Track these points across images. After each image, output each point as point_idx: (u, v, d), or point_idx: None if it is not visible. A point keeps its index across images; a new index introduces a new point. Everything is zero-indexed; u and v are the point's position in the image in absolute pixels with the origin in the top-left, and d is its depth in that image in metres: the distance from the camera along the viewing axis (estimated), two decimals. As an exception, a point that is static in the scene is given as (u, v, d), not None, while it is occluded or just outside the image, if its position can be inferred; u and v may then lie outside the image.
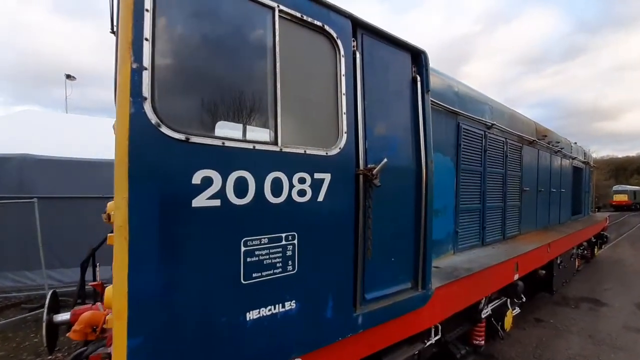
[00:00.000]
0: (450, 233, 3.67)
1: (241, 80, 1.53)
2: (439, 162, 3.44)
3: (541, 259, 4.80)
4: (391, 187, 2.23)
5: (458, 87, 3.79)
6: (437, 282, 2.67)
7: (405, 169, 2.33)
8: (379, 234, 2.13)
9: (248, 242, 1.50)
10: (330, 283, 1.81)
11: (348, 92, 1.93)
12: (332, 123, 1.87)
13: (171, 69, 1.35)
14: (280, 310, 1.61)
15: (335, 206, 1.83)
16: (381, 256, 2.16)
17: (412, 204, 2.37)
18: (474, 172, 4.06)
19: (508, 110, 4.98)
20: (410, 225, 2.36)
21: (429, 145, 2.45)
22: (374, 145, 2.13)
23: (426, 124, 2.44)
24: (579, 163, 8.71)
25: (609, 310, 6.13)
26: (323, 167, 1.78)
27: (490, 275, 3.34)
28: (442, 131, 3.53)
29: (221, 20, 1.50)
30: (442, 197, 3.51)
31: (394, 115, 2.29)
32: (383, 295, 2.16)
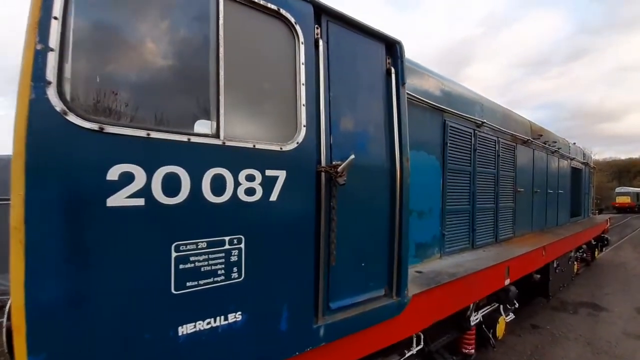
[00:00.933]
0: (436, 236, 3.48)
1: (175, 65, 1.37)
2: (422, 161, 3.27)
3: (536, 262, 4.60)
4: (361, 186, 2.06)
5: (444, 84, 3.62)
6: (416, 288, 2.49)
7: (378, 167, 2.16)
8: (345, 237, 1.96)
9: (181, 246, 1.33)
10: (285, 291, 1.64)
11: (309, 82, 1.77)
12: (289, 116, 1.70)
13: (85, 50, 1.19)
14: (222, 324, 1.44)
15: (291, 206, 1.66)
16: (349, 261, 1.98)
17: (386, 205, 2.19)
18: (463, 172, 3.88)
19: (500, 109, 4.80)
20: (384, 228, 2.18)
21: (405, 142, 2.28)
22: (340, 141, 1.96)
23: (401, 119, 2.28)
24: (578, 164, 8.50)
25: (609, 316, 5.91)
26: (277, 163, 1.61)
27: (477, 280, 3.15)
28: (427, 129, 3.36)
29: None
30: (427, 198, 3.34)
31: (365, 109, 2.13)
32: (351, 304, 1.98)
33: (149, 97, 1.29)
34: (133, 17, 1.28)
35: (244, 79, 1.56)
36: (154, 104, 1.30)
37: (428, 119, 3.37)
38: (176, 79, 1.36)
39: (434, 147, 3.43)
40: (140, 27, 1.30)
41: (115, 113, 1.22)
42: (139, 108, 1.26)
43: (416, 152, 3.19)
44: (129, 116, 1.25)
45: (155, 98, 1.30)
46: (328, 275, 1.88)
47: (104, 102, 1.19)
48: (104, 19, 1.23)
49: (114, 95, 1.22)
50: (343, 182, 1.82)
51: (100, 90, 1.20)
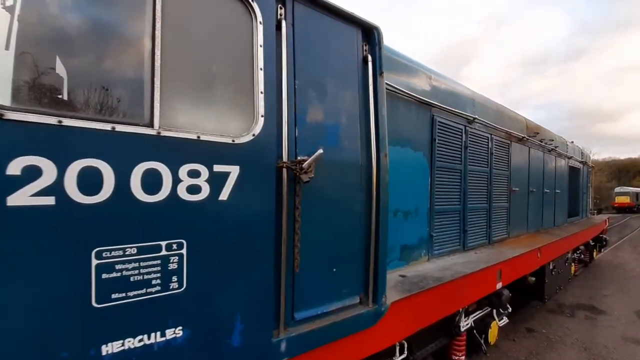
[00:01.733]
0: (424, 237, 3.30)
1: (98, 39, 1.18)
2: (408, 158, 3.09)
3: (530, 264, 4.42)
4: (332, 184, 1.87)
5: (433, 78, 3.44)
6: (397, 294, 2.31)
7: (351, 162, 1.97)
8: (313, 240, 1.77)
9: (103, 253, 1.14)
10: (237, 302, 1.45)
11: (268, 67, 1.59)
12: (244, 104, 1.52)
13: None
14: (157, 341, 1.25)
15: (246, 206, 1.47)
16: (317, 267, 1.80)
17: (361, 205, 2.01)
18: (453, 170, 3.70)
19: (493, 105, 4.62)
20: (358, 230, 2.00)
21: (383, 136, 2.09)
22: (307, 134, 1.78)
23: (379, 111, 2.09)
24: (576, 163, 8.32)
25: (607, 319, 5.73)
26: (227, 157, 1.42)
27: (466, 284, 2.97)
28: (413, 124, 3.17)
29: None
30: (413, 197, 3.16)
31: (338, 100, 1.94)
32: (320, 313, 1.80)
33: (62, 77, 1.10)
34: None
35: (186, 60, 1.37)
36: (70, 85, 1.11)
37: (414, 113, 3.18)
38: (98, 55, 1.17)
39: (421, 144, 3.25)
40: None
41: (18, 96, 1.03)
42: (50, 90, 1.08)
43: (401, 149, 3.01)
44: (37, 100, 1.06)
45: (72, 78, 1.11)
46: (293, 282, 1.70)
47: (2, 84, 1.00)
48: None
49: (17, 74, 1.03)
50: (308, 179, 1.63)
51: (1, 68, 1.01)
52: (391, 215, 2.90)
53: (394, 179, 2.93)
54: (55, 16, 1.12)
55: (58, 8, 1.12)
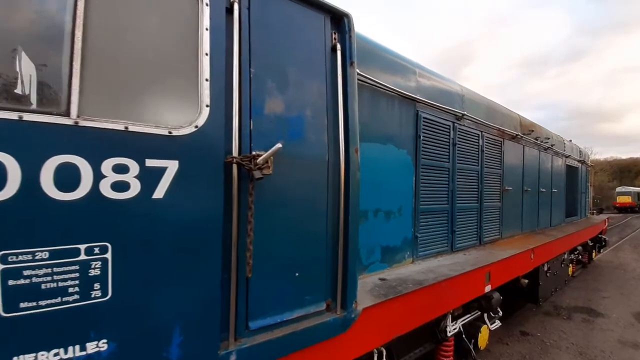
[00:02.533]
0: (408, 238, 3.15)
1: (5, 15, 1.04)
2: (390, 155, 2.95)
3: (523, 266, 4.26)
4: (294, 181, 1.73)
5: (417, 72, 3.29)
6: (371, 299, 2.16)
7: (317, 158, 1.83)
8: (270, 243, 1.63)
9: (9, 257, 1.01)
10: (176, 311, 1.31)
11: (215, 53, 1.45)
12: (186, 93, 1.38)
13: None
14: (77, 355, 1.11)
15: (187, 206, 1.33)
16: (276, 271, 1.66)
17: (328, 204, 1.87)
18: (440, 169, 3.55)
19: (484, 101, 4.47)
20: (325, 232, 1.86)
21: (353, 130, 1.95)
22: (265, 127, 1.63)
23: (349, 103, 1.95)
24: (574, 162, 8.15)
25: (605, 322, 5.56)
26: (163, 151, 1.28)
27: (450, 287, 2.82)
28: (396, 120, 3.03)
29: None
30: (396, 196, 3.01)
31: (302, 91, 1.80)
32: (279, 322, 1.66)
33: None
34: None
35: (115, 42, 1.23)
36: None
37: (397, 109, 3.04)
38: (3, 33, 1.03)
39: (404, 141, 3.10)
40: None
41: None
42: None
43: (382, 146, 2.87)
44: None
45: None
46: (247, 289, 1.56)
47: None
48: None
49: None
50: (261, 175, 1.49)
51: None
52: (371, 215, 2.76)
53: (375, 177, 2.80)
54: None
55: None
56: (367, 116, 2.73)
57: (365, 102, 2.72)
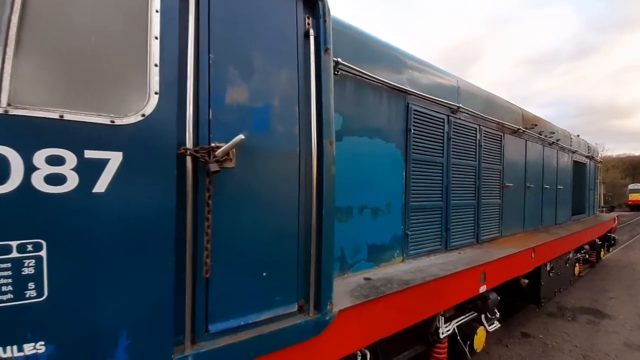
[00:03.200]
0: (398, 236, 3.03)
1: None
2: (378, 150, 2.83)
3: (522, 265, 4.10)
4: (261, 176, 1.63)
5: (407, 62, 3.15)
6: (350, 300, 2.05)
7: (286, 151, 1.73)
8: (234, 241, 1.54)
9: None
10: (122, 313, 1.22)
11: (167, 37, 1.35)
12: (133, 79, 1.28)
13: None
14: (16, 355, 1.04)
15: (132, 201, 1.24)
16: (241, 271, 1.56)
17: (300, 200, 1.76)
18: (433, 164, 3.41)
19: (482, 93, 4.29)
20: (295, 229, 1.75)
21: (328, 121, 1.84)
22: (226, 117, 1.53)
23: (323, 92, 1.83)
24: (581, 157, 7.87)
25: (611, 324, 5.35)
26: (105, 142, 1.19)
27: (440, 287, 2.69)
28: (383, 112, 2.90)
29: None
30: (384, 193, 2.89)
31: (270, 79, 1.69)
32: (244, 324, 1.56)
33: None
34: None
35: (54, 25, 1.14)
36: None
37: (385, 101, 2.91)
38: None
39: (393, 134, 2.97)
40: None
41: None
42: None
43: (369, 140, 2.75)
44: None
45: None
46: (207, 290, 1.46)
47: None
48: None
49: None
50: (217, 169, 1.39)
51: None
52: (356, 212, 2.64)
53: (361, 172, 2.68)
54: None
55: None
56: (352, 109, 2.61)
57: (350, 93, 2.60)
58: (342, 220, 2.53)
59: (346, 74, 2.56)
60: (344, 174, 2.54)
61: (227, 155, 1.49)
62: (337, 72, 2.48)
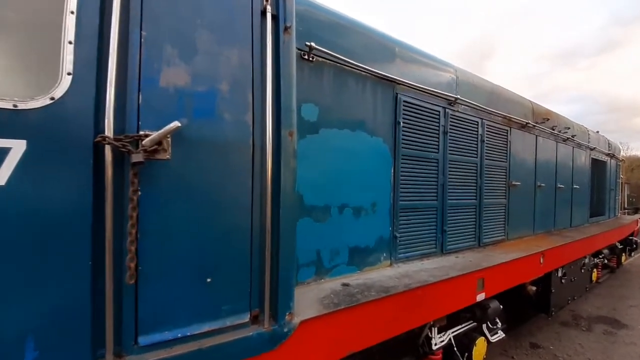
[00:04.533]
0: (385, 238, 2.79)
1: None
2: (361, 144, 2.61)
3: (529, 271, 3.76)
4: (204, 169, 1.45)
5: (397, 49, 2.90)
6: (316, 309, 1.84)
7: (235, 142, 1.53)
8: (170, 243, 1.36)
9: None
10: (26, 324, 1.07)
11: (85, 12, 1.18)
12: (42, 58, 1.13)
13: None
14: None
15: (38, 196, 1.09)
16: (178, 277, 1.39)
17: (252, 197, 1.57)
18: (426, 160, 3.15)
19: (485, 84, 3.97)
20: (247, 229, 1.56)
21: (288, 109, 1.64)
22: (160, 102, 1.36)
23: (282, 77, 1.64)
24: (601, 155, 7.33)
25: (629, 335, 4.91)
26: (6, 128, 1.04)
27: (427, 295, 2.44)
28: (368, 103, 2.67)
29: None
30: (369, 191, 2.66)
31: (216, 61, 1.51)
32: (182, 337, 1.39)
33: None
34: None
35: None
36: None
37: (370, 91, 2.68)
38: None
39: (379, 127, 2.74)
40: None
41: None
42: None
43: (350, 133, 2.53)
44: None
45: None
46: (136, 298, 1.30)
47: None
48: None
49: None
50: (141, 159, 1.22)
51: None
52: (335, 211, 2.43)
53: (340, 168, 2.47)
54: None
55: None
56: (330, 99, 2.40)
57: (328, 82, 2.39)
58: (318, 220, 2.32)
59: (324, 61, 2.35)
60: (320, 170, 2.34)
61: (160, 145, 1.32)
62: (312, 59, 2.28)
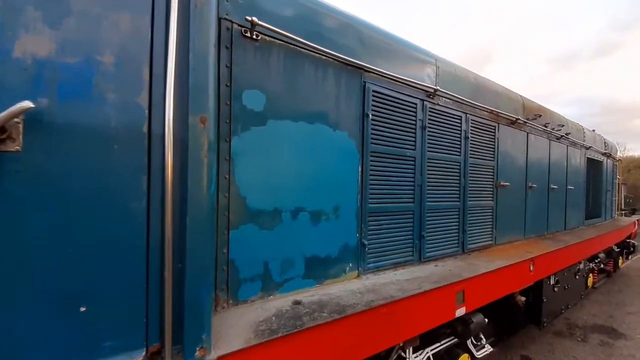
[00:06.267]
0: (351, 246, 2.46)
1: None
2: (321, 138, 2.28)
3: (517, 280, 3.44)
4: (73, 163, 1.11)
5: (365, 31, 2.57)
6: (244, 340, 1.50)
7: (122, 129, 1.20)
8: (20, 258, 1.02)
9: None
10: None
11: None
12: None
13: None
14: None
15: None
16: (38, 305, 1.04)
17: (148, 199, 1.23)
18: (401, 158, 2.81)
19: (470, 76, 3.65)
20: (142, 240, 1.22)
21: (198, 91, 1.30)
22: (7, 77, 1.02)
23: (191, 51, 1.30)
24: (596, 154, 7.04)
25: (627, 345, 4.60)
26: None
27: (395, 313, 2.11)
28: (329, 92, 2.33)
29: None
30: (330, 192, 2.32)
31: (97, 26, 1.17)
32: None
33: None
34: None
35: None
36: None
37: (332, 78, 2.34)
38: None
39: (344, 120, 2.40)
40: None
41: None
42: None
43: (307, 126, 2.19)
44: None
45: None
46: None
47: None
48: None
49: None
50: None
51: None
52: (288, 216, 2.09)
53: (294, 166, 2.12)
54: None
55: None
56: (281, 86, 2.06)
57: (278, 66, 2.06)
58: (265, 227, 1.98)
59: (272, 41, 2.02)
60: (268, 168, 2.00)
61: (3, 133, 0.98)
62: (257, 37, 1.94)
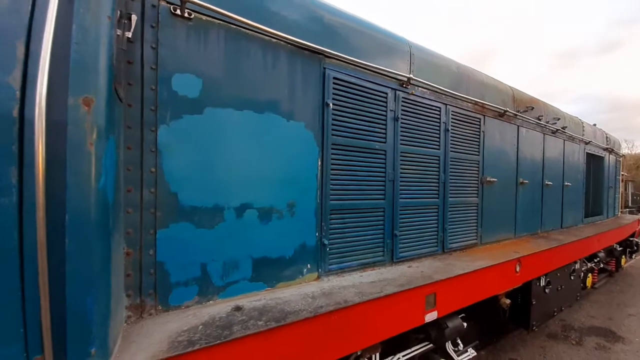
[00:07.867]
0: (309, 246, 2.27)
1: None
2: (275, 130, 2.09)
3: (500, 282, 3.21)
4: None
5: (324, 14, 2.36)
6: (151, 352, 1.33)
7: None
8: None
9: None
10: None
11: None
12: None
13: None
14: None
15: None
16: None
17: (16, 196, 1.06)
18: (369, 151, 2.61)
19: (451, 64, 3.41)
20: (12, 241, 1.05)
21: (82, 69, 1.12)
22: None
23: (74, 24, 1.12)
24: (597, 150, 6.73)
25: (624, 350, 4.34)
26: None
27: (351, 319, 1.92)
28: (282, 79, 2.14)
29: None
30: (283, 187, 2.13)
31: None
32: None
33: None
34: None
35: None
36: None
37: (285, 63, 2.14)
38: None
39: (300, 110, 2.21)
40: None
41: None
42: None
43: (254, 115, 2.01)
44: None
45: None
46: None
47: None
48: None
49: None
50: None
51: None
52: (231, 214, 1.91)
53: (239, 159, 1.94)
54: None
55: None
56: (221, 70, 1.87)
57: (217, 48, 1.87)
58: (202, 226, 1.81)
59: (209, 20, 1.83)
60: (206, 161, 1.82)
61: None
62: (191, 16, 1.76)
